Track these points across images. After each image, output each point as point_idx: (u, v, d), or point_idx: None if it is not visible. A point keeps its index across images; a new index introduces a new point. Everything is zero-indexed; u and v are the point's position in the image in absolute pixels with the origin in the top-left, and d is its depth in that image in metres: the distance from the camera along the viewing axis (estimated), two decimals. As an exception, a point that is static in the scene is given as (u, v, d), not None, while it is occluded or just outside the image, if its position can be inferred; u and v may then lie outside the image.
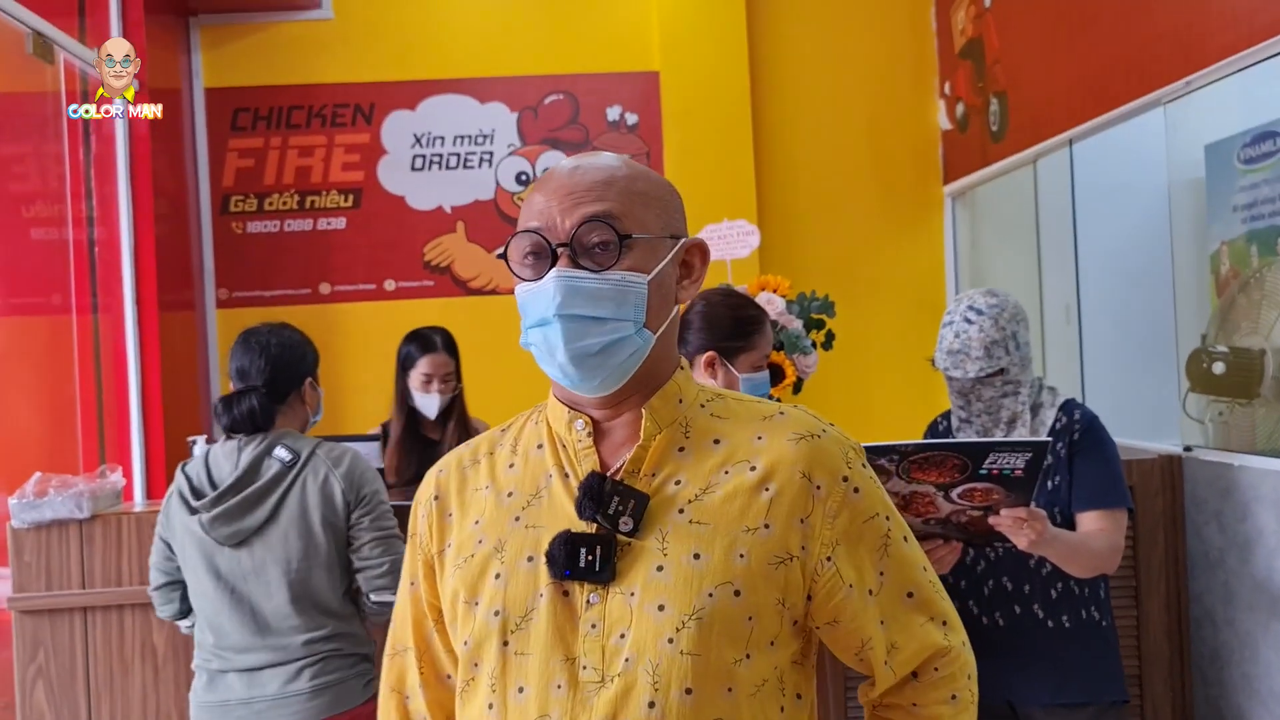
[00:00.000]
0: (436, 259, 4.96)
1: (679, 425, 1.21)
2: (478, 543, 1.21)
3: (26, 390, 3.89)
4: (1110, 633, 2.36)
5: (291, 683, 2.31)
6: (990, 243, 4.92)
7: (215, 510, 2.31)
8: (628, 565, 1.15)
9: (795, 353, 2.82)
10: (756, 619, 1.15)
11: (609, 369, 1.17)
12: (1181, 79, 3.04)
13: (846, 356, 3.40)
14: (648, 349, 1.19)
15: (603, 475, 1.18)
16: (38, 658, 2.80)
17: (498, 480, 1.25)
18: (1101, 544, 2.26)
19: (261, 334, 2.44)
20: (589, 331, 1.15)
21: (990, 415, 2.40)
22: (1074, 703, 2.31)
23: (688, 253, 1.25)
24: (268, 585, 2.32)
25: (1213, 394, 3.03)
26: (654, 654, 1.12)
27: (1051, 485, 2.33)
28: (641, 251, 1.18)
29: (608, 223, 1.15)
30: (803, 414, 1.24)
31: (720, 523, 1.16)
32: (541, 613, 1.15)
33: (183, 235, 4.73)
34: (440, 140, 4.97)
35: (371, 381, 4.36)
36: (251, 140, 4.92)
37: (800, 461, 1.18)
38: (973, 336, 2.35)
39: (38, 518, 2.78)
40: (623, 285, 1.16)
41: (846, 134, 5.07)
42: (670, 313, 1.23)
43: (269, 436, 2.37)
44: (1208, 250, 3.04)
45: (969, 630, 2.37)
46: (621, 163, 1.22)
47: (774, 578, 1.16)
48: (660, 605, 1.13)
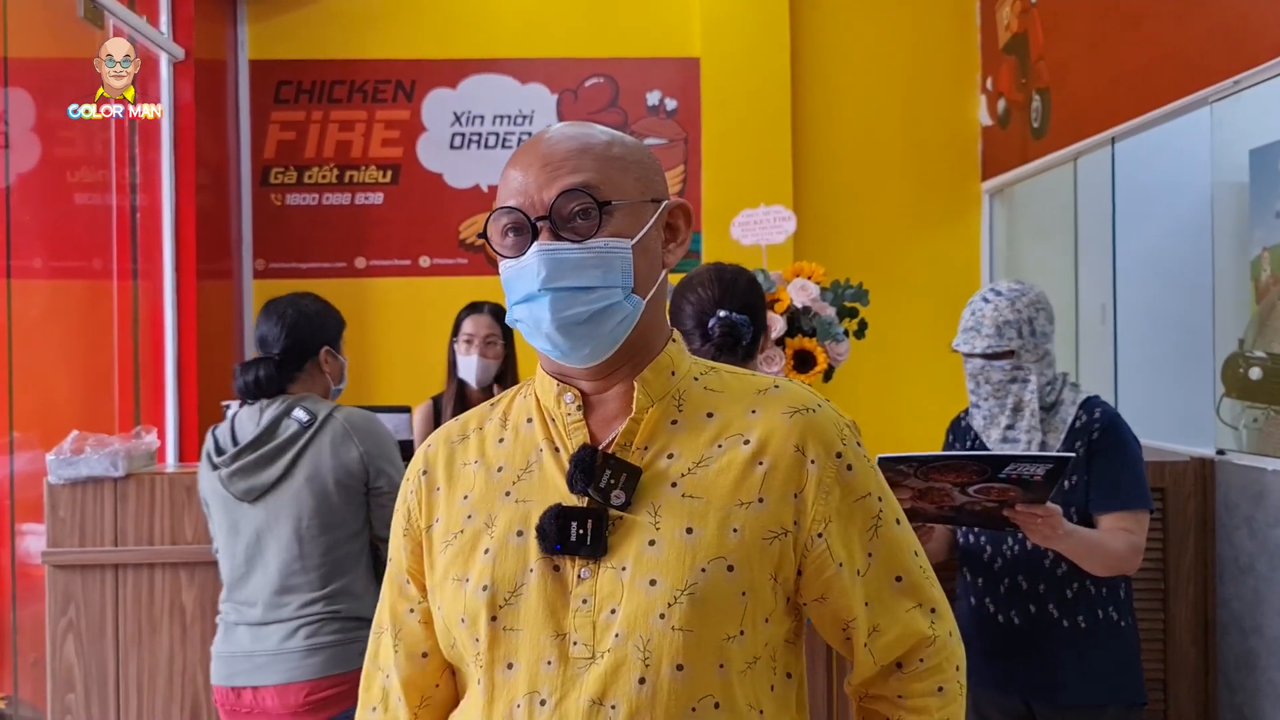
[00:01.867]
0: (471, 237, 4.98)
1: (672, 398, 1.19)
2: (467, 518, 1.20)
3: (66, 352, 3.95)
4: (1130, 633, 2.33)
5: (288, 640, 2.35)
6: (1027, 240, 4.88)
7: (233, 466, 2.38)
8: (619, 540, 1.13)
9: (827, 340, 2.82)
10: (750, 594, 1.13)
11: (598, 337, 1.15)
12: (1230, 77, 3.00)
13: (877, 347, 3.39)
14: (637, 315, 1.16)
15: (594, 448, 1.16)
16: (69, 612, 2.85)
17: (487, 455, 1.23)
18: (1120, 544, 2.23)
19: (281, 303, 2.51)
20: (576, 300, 1.13)
21: (997, 400, 2.38)
22: (1090, 703, 2.29)
23: (671, 215, 1.22)
24: (278, 541, 2.38)
25: (1248, 400, 2.99)
26: (645, 629, 1.10)
27: (1069, 485, 2.30)
28: (623, 217, 1.15)
29: (585, 191, 1.13)
30: (798, 388, 1.22)
31: (714, 497, 1.14)
32: (531, 588, 1.13)
33: (223, 205, 4.78)
34: (480, 119, 4.99)
35: (402, 356, 4.39)
36: (293, 113, 4.96)
37: (794, 435, 1.17)
38: (986, 314, 2.35)
39: (74, 474, 2.82)
40: (606, 252, 1.14)
41: (886, 126, 5.04)
42: (658, 278, 1.20)
43: (290, 399, 2.43)
44: (1249, 256, 3.01)
45: (985, 629, 2.40)
46: (598, 129, 1.20)
47: (768, 553, 1.14)
48: (652, 580, 1.11)
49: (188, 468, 3.14)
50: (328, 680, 2.35)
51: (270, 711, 2.37)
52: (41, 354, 3.78)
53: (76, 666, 2.85)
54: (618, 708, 1.10)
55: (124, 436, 3.00)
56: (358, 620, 2.43)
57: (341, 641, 2.39)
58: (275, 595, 2.38)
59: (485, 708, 1.14)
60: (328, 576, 2.39)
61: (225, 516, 2.42)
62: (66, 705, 2.85)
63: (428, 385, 3.60)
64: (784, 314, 2.84)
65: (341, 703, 2.37)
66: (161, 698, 2.85)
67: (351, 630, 2.41)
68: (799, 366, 2.82)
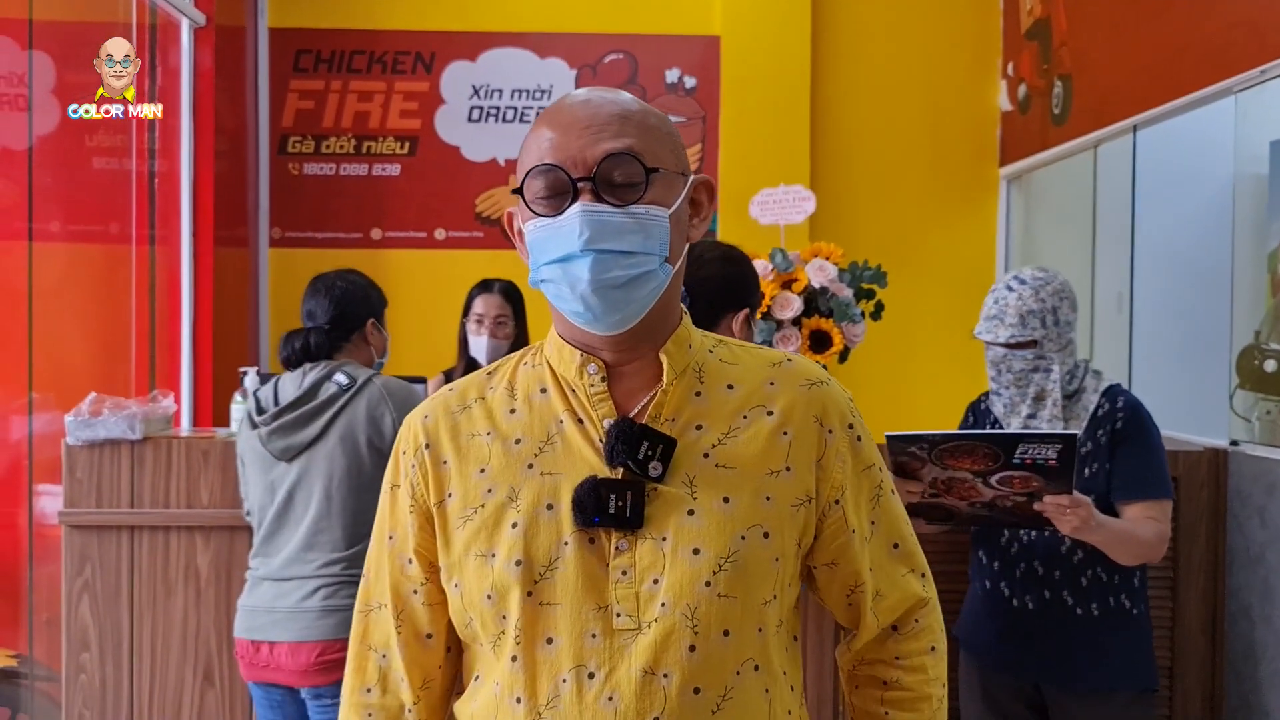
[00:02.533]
0: (488, 211, 4.98)
1: (693, 370, 1.21)
2: (486, 492, 1.17)
3: (84, 315, 3.97)
4: (1143, 621, 2.35)
5: (306, 600, 2.41)
6: (1044, 227, 4.86)
7: (273, 425, 2.46)
8: (656, 511, 1.14)
9: (844, 321, 2.82)
10: (781, 560, 1.17)
11: (631, 302, 1.14)
12: (1256, 67, 2.98)
13: (892, 330, 3.39)
14: (667, 283, 1.17)
15: (633, 420, 1.16)
16: (84, 572, 2.88)
17: (499, 427, 1.20)
18: (1149, 532, 2.23)
19: (329, 278, 2.62)
20: (616, 264, 1.12)
21: (1019, 388, 2.38)
22: (1103, 689, 2.30)
23: (696, 190, 1.23)
24: (309, 499, 2.44)
25: (1262, 392, 2.99)
26: (692, 598, 1.11)
27: (1089, 472, 2.31)
28: (661, 186, 1.16)
29: (633, 156, 1.13)
30: (805, 362, 1.27)
31: (746, 466, 1.17)
32: (568, 561, 1.12)
33: (240, 173, 4.78)
34: (498, 93, 4.98)
35: (417, 328, 4.40)
36: (312, 82, 4.95)
37: (813, 406, 1.22)
38: (1009, 303, 2.34)
39: (91, 436, 2.84)
40: (648, 219, 1.13)
41: (905, 109, 5.02)
42: (684, 250, 1.21)
43: (332, 364, 2.51)
44: (1266, 248, 3.00)
45: (998, 612, 2.41)
46: (629, 97, 1.20)
47: (795, 519, 1.18)
48: (695, 549, 1.13)
49: (203, 432, 3.16)
50: (339, 643, 2.39)
51: (283, 668, 2.41)
52: (60, 317, 3.80)
53: (91, 626, 2.88)
54: (670, 676, 1.11)
55: (141, 400, 3.02)
56: None
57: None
58: (300, 551, 2.43)
59: (527, 685, 1.13)
60: (352, 538, 2.43)
61: (261, 475, 2.49)
62: (81, 664, 2.89)
63: (441, 357, 3.61)
64: (801, 294, 2.84)
65: None
66: (175, 659, 2.88)
67: None
68: (815, 347, 2.83)
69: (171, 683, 2.88)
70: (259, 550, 2.51)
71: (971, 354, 5.09)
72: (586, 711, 1.10)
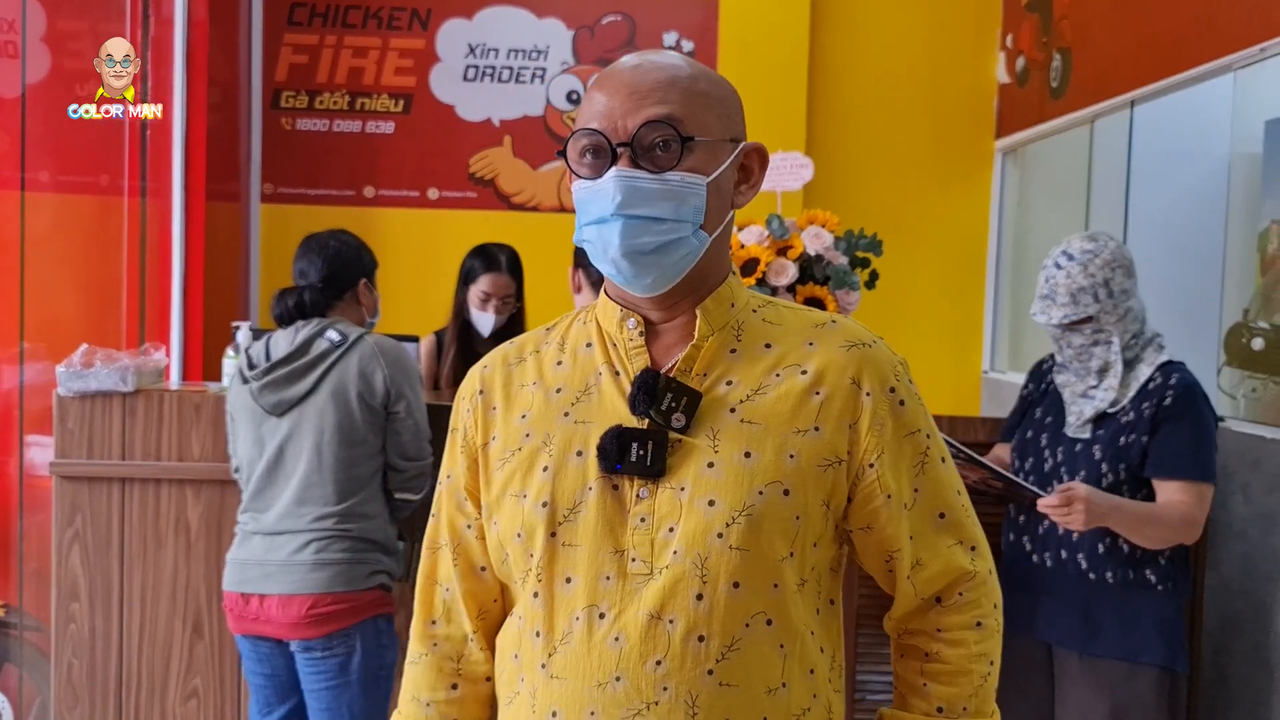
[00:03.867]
0: (482, 171, 4.95)
1: (731, 328, 1.23)
2: (525, 436, 1.23)
3: (74, 267, 3.94)
4: (1164, 598, 2.32)
5: (298, 553, 2.42)
6: (1038, 200, 4.87)
7: (264, 379, 2.46)
8: (678, 461, 1.17)
9: (839, 289, 2.83)
10: (804, 519, 1.17)
11: (662, 268, 1.17)
12: (1256, 44, 2.98)
13: (884, 298, 3.40)
14: (702, 250, 1.19)
15: (657, 371, 1.19)
16: (75, 522, 2.88)
17: (545, 377, 1.25)
18: (1172, 516, 2.22)
19: (321, 237, 2.62)
20: (647, 230, 1.15)
21: (1080, 363, 2.37)
22: (1105, 656, 2.31)
23: (746, 157, 1.25)
24: (299, 453, 2.45)
25: (1249, 370, 3.02)
26: (703, 548, 1.14)
27: (1125, 441, 2.30)
28: (702, 154, 1.18)
29: (670, 124, 1.15)
30: (853, 325, 1.26)
31: (771, 423, 1.18)
32: (590, 505, 1.17)
33: (233, 127, 4.74)
34: (494, 52, 4.93)
35: (408, 287, 4.39)
36: (307, 36, 4.90)
37: (850, 368, 1.20)
38: (1059, 282, 2.32)
39: (83, 387, 2.84)
40: (682, 187, 1.16)
41: (902, 79, 5.00)
42: (726, 216, 1.23)
43: (324, 321, 2.51)
44: (1258, 227, 3.01)
45: (1019, 565, 2.44)
46: (685, 62, 1.22)
47: (822, 480, 1.18)
48: (711, 501, 1.15)
49: (195, 386, 3.16)
50: (330, 596, 2.40)
51: (273, 620, 2.43)
52: (51, 267, 3.78)
53: (81, 577, 2.89)
54: (675, 622, 1.14)
55: (132, 353, 3.01)
56: (367, 542, 2.47)
57: (349, 561, 2.43)
58: (292, 505, 2.44)
59: (545, 620, 1.18)
60: (343, 493, 2.44)
61: (252, 430, 2.50)
62: (70, 614, 2.90)
63: (433, 317, 3.61)
64: (797, 261, 2.85)
65: (342, 620, 2.42)
66: (165, 610, 2.89)
67: (360, 551, 2.46)
68: (808, 314, 2.83)
69: (161, 634, 2.90)
70: (249, 505, 2.52)
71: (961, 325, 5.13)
72: (594, 650, 1.15)
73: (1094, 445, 2.35)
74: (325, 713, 2.47)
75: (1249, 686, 2.71)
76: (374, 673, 2.48)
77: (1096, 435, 2.35)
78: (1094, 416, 2.36)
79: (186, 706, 2.90)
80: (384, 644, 2.50)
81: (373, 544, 2.49)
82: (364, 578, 2.46)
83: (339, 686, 2.44)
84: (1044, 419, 2.47)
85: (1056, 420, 2.44)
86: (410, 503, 2.60)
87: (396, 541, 2.58)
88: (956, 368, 2.67)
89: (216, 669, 2.90)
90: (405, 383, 2.50)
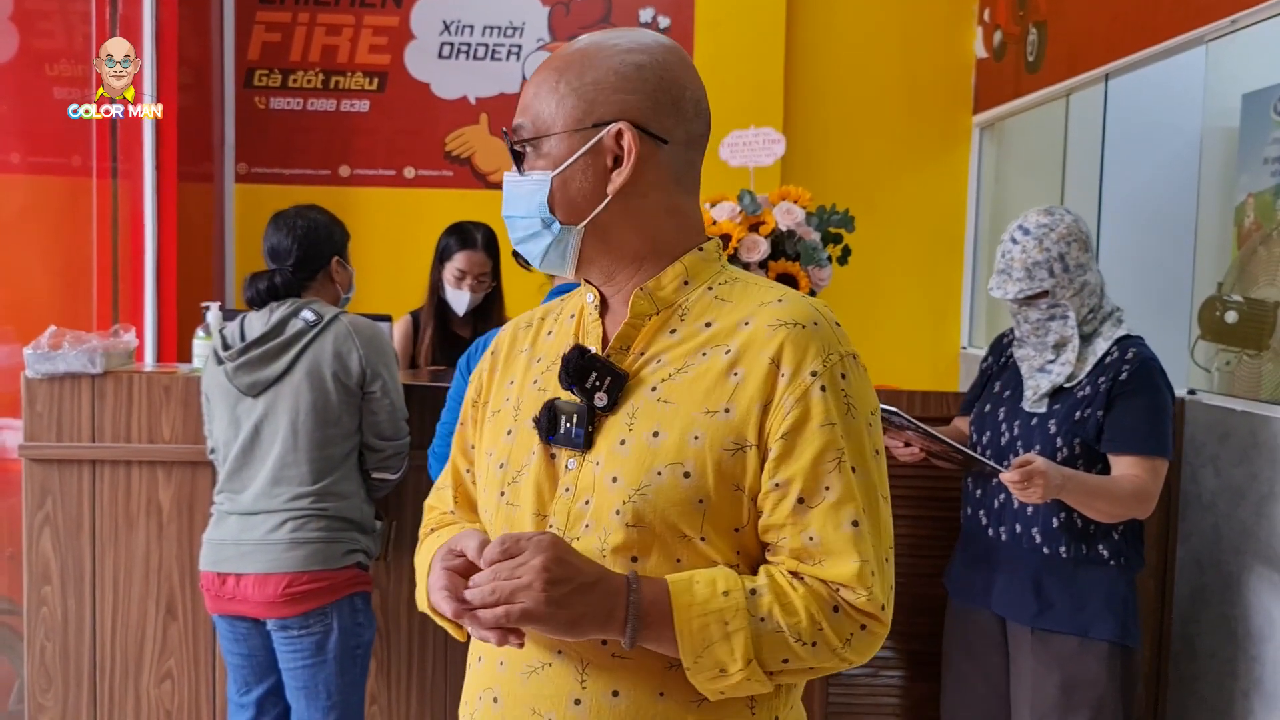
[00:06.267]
0: (458, 149, 4.92)
1: (676, 308, 1.23)
2: (505, 400, 1.30)
3: (44, 248, 3.91)
4: (1116, 573, 2.33)
5: (273, 532, 2.42)
6: (1015, 175, 4.87)
7: (239, 360, 2.46)
8: (600, 437, 1.20)
9: (810, 265, 2.83)
10: (708, 503, 1.14)
11: (536, 257, 1.25)
12: (1227, 16, 2.98)
13: (860, 274, 3.40)
14: (569, 239, 1.23)
15: (584, 350, 1.22)
16: (45, 505, 2.87)
17: (536, 345, 1.32)
18: (1126, 489, 2.22)
19: (290, 215, 2.58)
20: (514, 227, 1.26)
21: (1038, 337, 2.38)
22: (1056, 630, 2.33)
23: (611, 140, 1.20)
24: (275, 434, 2.44)
25: (1222, 343, 3.03)
26: (606, 523, 1.16)
27: (1080, 415, 2.31)
28: (551, 149, 1.22)
29: (515, 131, 1.24)
30: (803, 303, 1.20)
31: (683, 403, 1.17)
32: (530, 470, 1.23)
33: (205, 106, 4.69)
34: (469, 29, 4.90)
35: (384, 266, 4.37)
36: (279, 14, 4.85)
37: (771, 348, 1.16)
38: (1015, 257, 2.32)
39: (51, 369, 2.81)
40: (528, 184, 1.23)
41: (879, 54, 4.98)
42: (600, 203, 1.21)
43: (299, 301, 2.50)
44: (1234, 201, 3.02)
45: (975, 540, 2.47)
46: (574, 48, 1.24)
47: (727, 464, 1.15)
48: (614, 478, 1.17)
49: (166, 368, 3.14)
50: (306, 575, 2.40)
51: (250, 600, 2.43)
52: (20, 249, 3.75)
53: (53, 560, 2.88)
54: None
55: (102, 334, 2.99)
56: (343, 521, 2.47)
57: (325, 540, 2.43)
58: (268, 486, 2.44)
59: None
60: (319, 473, 2.44)
61: (227, 411, 2.49)
62: (43, 597, 2.89)
63: (409, 296, 3.59)
64: (768, 237, 2.84)
65: (318, 599, 2.42)
66: (138, 592, 2.88)
67: (336, 530, 2.45)
68: (781, 290, 2.83)
69: (134, 616, 2.89)
70: (224, 485, 2.52)
71: (938, 300, 5.14)
72: None
73: (1050, 420, 2.36)
74: (302, 691, 2.47)
75: (1217, 657, 2.74)
76: (350, 651, 2.48)
77: (1052, 410, 2.36)
78: (1050, 391, 2.36)
79: (161, 688, 2.90)
80: (360, 622, 2.50)
81: (349, 523, 2.48)
82: (340, 556, 2.45)
83: (316, 665, 2.44)
84: (1002, 393, 2.48)
85: (1014, 394, 2.44)
86: (388, 482, 2.59)
87: (374, 520, 2.58)
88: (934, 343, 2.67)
89: (190, 651, 2.89)
90: (380, 362, 2.50)
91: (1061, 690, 2.31)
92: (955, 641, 2.54)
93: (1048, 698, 2.33)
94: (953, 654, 2.56)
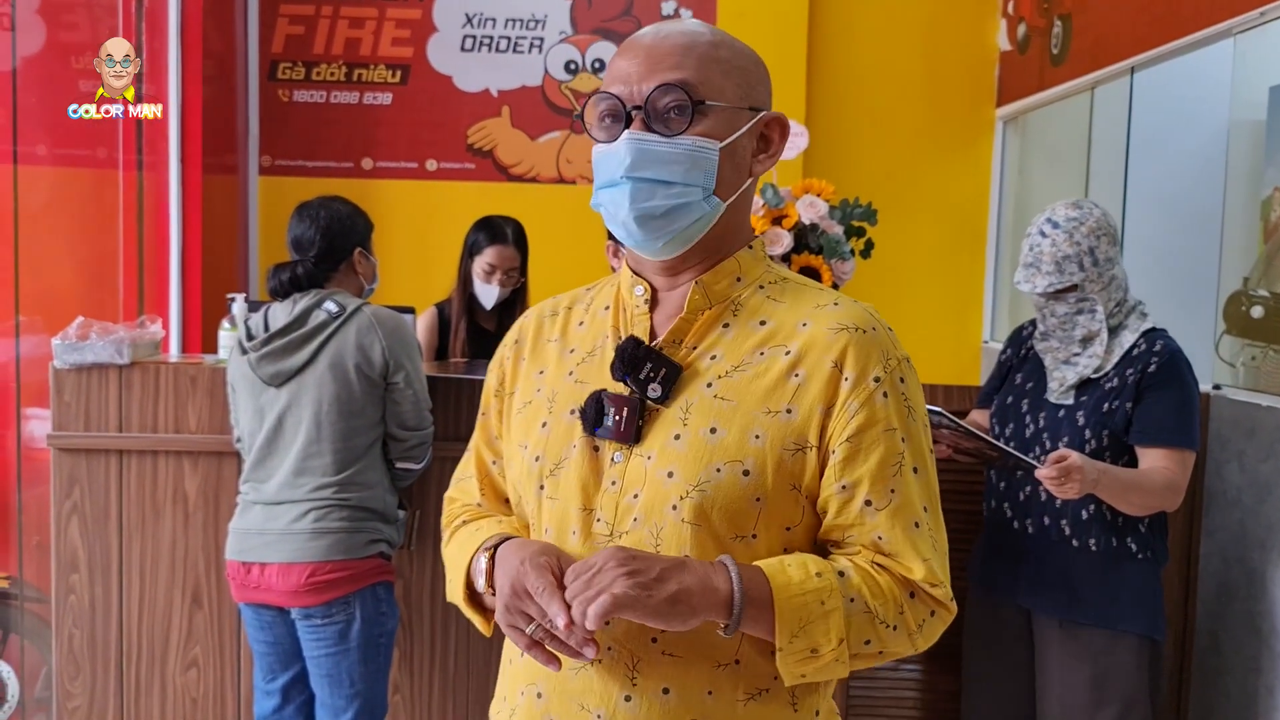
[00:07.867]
0: (480, 142, 4.93)
1: (730, 303, 1.22)
2: (536, 391, 1.27)
3: (71, 240, 3.95)
4: (1147, 565, 2.33)
5: (297, 521, 2.44)
6: (1038, 169, 4.84)
7: (263, 350, 2.47)
8: (651, 431, 1.18)
9: (834, 258, 2.82)
10: (765, 502, 1.15)
11: (672, 232, 1.18)
12: (1256, 8, 2.95)
13: (882, 268, 3.39)
14: (715, 215, 1.20)
15: (639, 340, 1.20)
16: (73, 494, 2.90)
17: (567, 336, 1.29)
18: (1156, 481, 2.22)
19: (313, 206, 2.59)
20: (655, 193, 1.16)
21: (1064, 331, 2.36)
22: (1083, 623, 2.32)
23: (766, 126, 1.24)
24: (298, 424, 2.46)
25: (1248, 338, 3.01)
26: (659, 518, 1.15)
27: (1109, 407, 2.30)
28: (716, 119, 1.18)
29: (682, 88, 1.16)
30: (859, 308, 1.22)
31: (743, 402, 1.17)
32: (571, 463, 1.20)
33: (229, 99, 4.72)
34: (492, 22, 4.90)
35: (407, 259, 4.39)
36: (303, 7, 4.87)
37: (833, 351, 1.17)
38: (1044, 250, 2.30)
39: (79, 359, 2.84)
40: (693, 150, 1.16)
41: (902, 47, 4.96)
42: (743, 184, 1.23)
43: (322, 293, 2.51)
44: (1260, 195, 2.99)
45: (1000, 532, 2.46)
46: (708, 30, 1.22)
47: (788, 464, 1.16)
48: (670, 472, 1.15)
49: (192, 358, 3.17)
50: (330, 564, 2.42)
51: (274, 589, 2.45)
52: (47, 241, 3.78)
53: (80, 549, 2.91)
54: None
55: (129, 325, 3.02)
56: (366, 511, 2.49)
57: (348, 529, 2.45)
58: (292, 476, 2.46)
59: None
60: (342, 463, 2.45)
61: (252, 401, 2.51)
62: (70, 585, 2.92)
63: (433, 288, 3.61)
64: (791, 230, 2.84)
65: (341, 588, 2.44)
66: (164, 582, 2.91)
67: (359, 520, 2.47)
68: (804, 284, 2.83)
69: (160, 604, 2.91)
70: (249, 475, 2.54)
71: (960, 294, 5.12)
72: None
73: (1077, 411, 2.35)
74: (326, 679, 2.49)
75: (1241, 653, 2.72)
76: (374, 640, 2.50)
77: (1080, 401, 2.35)
78: (1077, 383, 2.35)
79: (187, 676, 2.93)
80: (383, 611, 2.52)
81: (372, 513, 2.50)
82: (363, 546, 2.47)
83: (339, 653, 2.46)
84: (1025, 384, 2.47)
85: (1038, 386, 2.43)
86: (412, 472, 2.61)
87: (396, 510, 2.59)
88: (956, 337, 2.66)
89: (216, 638, 2.92)
90: (403, 353, 2.51)
91: (1091, 684, 2.31)
92: (977, 635, 2.54)
93: (1077, 691, 2.32)
94: (974, 648, 2.55)
